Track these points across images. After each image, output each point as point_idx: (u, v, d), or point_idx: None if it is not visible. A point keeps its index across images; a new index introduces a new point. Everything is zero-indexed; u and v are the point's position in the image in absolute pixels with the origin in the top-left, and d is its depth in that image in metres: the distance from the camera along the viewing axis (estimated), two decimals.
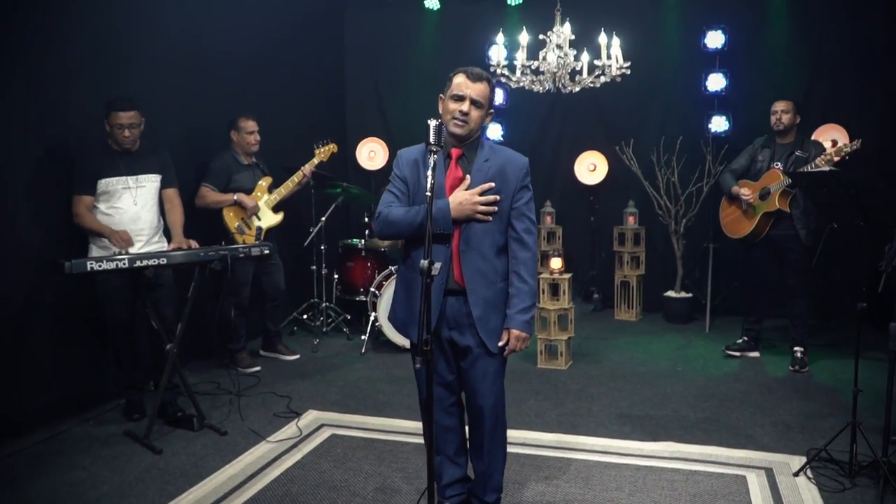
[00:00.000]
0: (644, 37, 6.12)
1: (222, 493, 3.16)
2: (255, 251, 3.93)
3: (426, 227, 2.47)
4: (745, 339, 5.30)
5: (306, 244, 5.82)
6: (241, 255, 3.86)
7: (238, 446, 3.69)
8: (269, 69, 5.82)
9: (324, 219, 5.82)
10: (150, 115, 4.05)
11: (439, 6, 7.05)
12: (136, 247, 3.82)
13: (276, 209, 5.12)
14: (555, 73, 4.70)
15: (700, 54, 6.18)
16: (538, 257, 5.48)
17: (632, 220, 6.59)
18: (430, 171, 2.32)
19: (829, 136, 5.70)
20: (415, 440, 3.74)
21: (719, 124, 6.17)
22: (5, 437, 3.64)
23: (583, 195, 6.89)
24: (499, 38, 4.89)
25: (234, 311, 4.82)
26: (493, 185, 2.55)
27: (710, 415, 4.10)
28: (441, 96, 2.70)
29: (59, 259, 3.31)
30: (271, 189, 5.11)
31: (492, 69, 4.87)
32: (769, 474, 3.31)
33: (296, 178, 5.22)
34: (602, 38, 4.58)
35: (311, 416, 4.11)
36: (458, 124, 2.58)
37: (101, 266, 3.31)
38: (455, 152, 2.64)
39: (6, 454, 3.53)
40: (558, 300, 5.14)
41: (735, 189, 4.98)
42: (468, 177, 2.58)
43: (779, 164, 4.88)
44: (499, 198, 2.56)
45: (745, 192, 4.90)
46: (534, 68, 4.81)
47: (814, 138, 5.19)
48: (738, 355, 5.24)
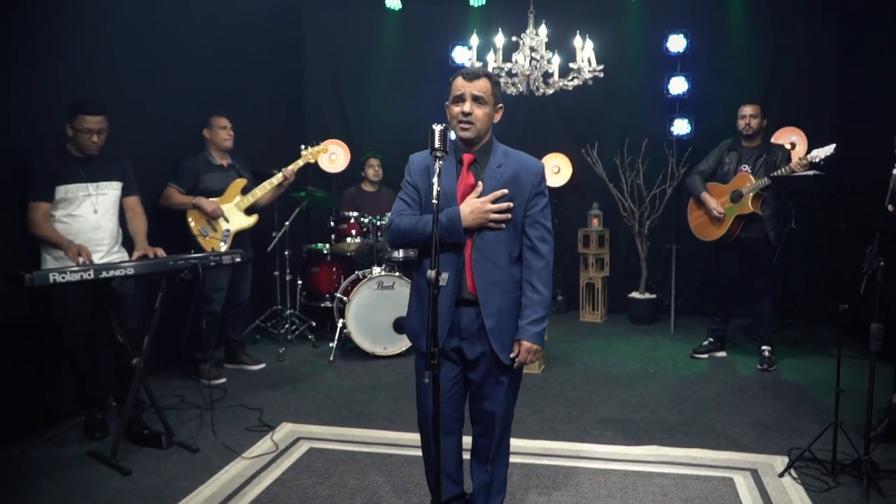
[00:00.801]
0: (608, 40, 6.11)
1: None
2: (226, 259, 3.76)
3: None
4: (710, 340, 5.36)
5: (269, 249, 5.65)
6: (212, 264, 3.69)
7: (212, 464, 3.52)
8: (227, 71, 5.61)
9: (287, 223, 5.66)
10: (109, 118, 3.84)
11: (401, 6, 6.95)
12: (97, 257, 3.61)
13: (249, 212, 4.93)
14: (528, 76, 4.65)
15: (662, 58, 6.25)
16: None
17: (596, 222, 6.63)
18: (435, 178, 2.23)
19: (788, 138, 5.84)
20: (399, 451, 3.64)
21: (682, 127, 6.25)
22: None
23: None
24: (472, 39, 4.80)
25: (206, 320, 4.63)
26: (506, 191, 2.46)
27: (689, 417, 4.12)
28: (446, 104, 2.60)
29: (17, 270, 3.09)
30: (246, 191, 4.92)
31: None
32: (755, 475, 3.33)
33: (275, 180, 5.02)
34: (577, 41, 4.55)
35: (285, 430, 3.96)
36: (463, 127, 2.49)
37: (64, 278, 3.10)
38: (467, 158, 2.54)
39: None
40: None
41: (705, 196, 5.03)
42: (480, 183, 2.49)
43: (746, 166, 4.95)
44: (512, 205, 2.47)
45: (714, 204, 4.96)
46: (507, 70, 4.75)
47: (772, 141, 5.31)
48: (706, 357, 5.31)
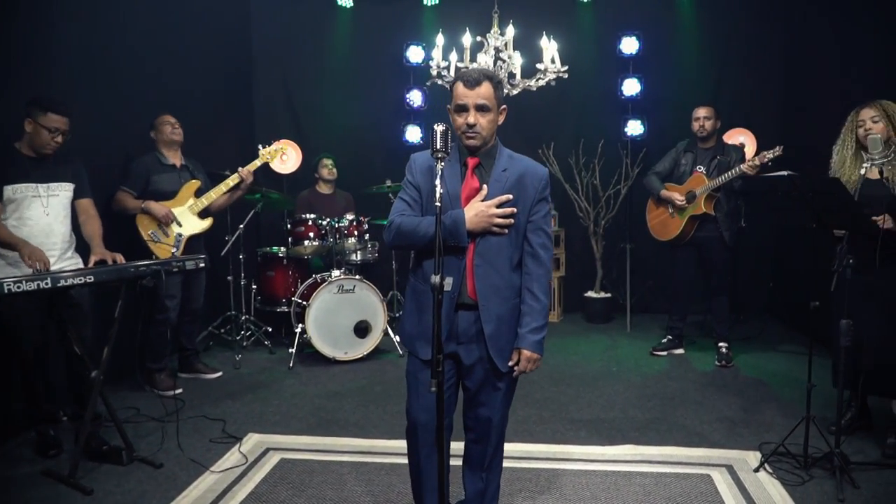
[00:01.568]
0: (562, 41, 6.15)
1: None
2: (189, 264, 3.59)
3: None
4: (669, 337, 5.45)
5: (223, 253, 5.45)
6: (174, 270, 3.52)
7: (179, 480, 3.35)
8: (172, 70, 5.37)
9: (242, 226, 5.47)
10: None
11: (352, 4, 6.83)
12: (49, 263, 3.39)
13: (203, 215, 4.74)
14: None
15: (616, 60, 6.33)
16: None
17: (552, 222, 6.65)
18: (438, 181, 2.16)
19: (736, 139, 6.01)
20: (374, 459, 3.55)
21: (635, 128, 6.35)
22: None
23: None
24: (438, 39, 4.74)
25: (161, 328, 4.43)
26: (510, 197, 2.40)
27: (658, 414, 4.16)
28: (448, 107, 2.53)
29: None
30: (200, 193, 4.73)
31: (433, 71, 4.72)
32: (731, 471, 3.38)
33: (230, 182, 4.84)
34: (544, 42, 4.55)
35: (252, 440, 3.82)
36: (469, 136, 2.41)
37: (20, 287, 2.89)
38: (471, 161, 2.47)
39: None
40: None
41: (665, 193, 5.12)
42: (485, 187, 2.42)
43: (702, 167, 5.06)
44: (516, 210, 2.42)
45: (677, 195, 5.04)
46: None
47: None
48: (665, 354, 5.39)
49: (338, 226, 5.45)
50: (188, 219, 4.66)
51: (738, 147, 5.16)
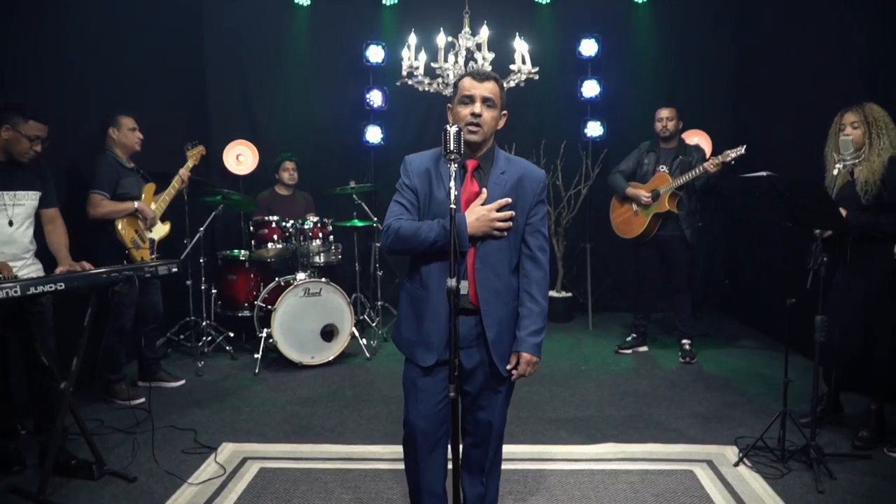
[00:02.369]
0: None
1: None
2: (162, 270, 3.45)
3: (439, 244, 2.30)
4: (634, 335, 5.55)
5: (183, 257, 5.26)
6: (147, 276, 3.37)
7: (155, 494, 3.21)
8: (122, 69, 5.14)
9: (202, 229, 5.30)
10: None
11: (309, 2, 6.70)
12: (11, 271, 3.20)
13: (162, 219, 4.58)
14: None
15: (575, 61, 6.40)
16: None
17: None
18: (452, 183, 2.12)
19: (691, 140, 6.13)
20: (358, 465, 3.48)
21: (594, 129, 6.44)
22: None
23: None
24: (411, 38, 4.68)
25: (118, 337, 4.24)
26: (509, 200, 2.38)
27: (633, 412, 4.22)
28: (449, 106, 2.50)
29: None
30: (155, 196, 4.56)
31: (404, 71, 4.67)
32: (712, 466, 3.45)
33: (176, 183, 4.70)
34: (517, 43, 4.56)
35: (228, 450, 3.69)
36: (471, 130, 2.37)
37: None
38: (470, 164, 2.44)
39: None
40: None
41: (631, 191, 5.20)
42: (485, 190, 2.39)
43: (664, 167, 5.16)
44: (514, 213, 2.39)
45: (642, 191, 5.13)
46: (439, 71, 4.67)
47: None
48: (630, 352, 5.48)
49: (302, 228, 5.34)
50: (156, 224, 4.50)
51: (698, 147, 5.29)
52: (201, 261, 5.32)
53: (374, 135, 6.58)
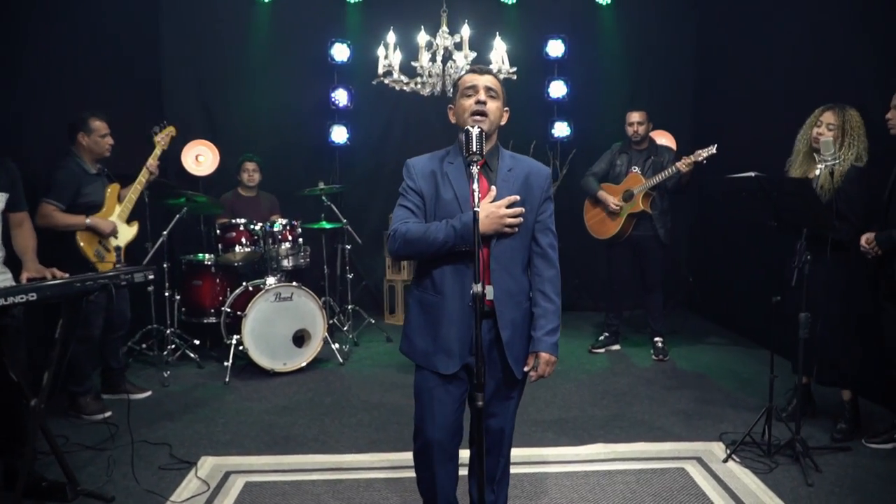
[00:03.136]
0: (487, 42, 6.19)
1: None
2: (138, 277, 3.27)
3: (449, 245, 2.24)
4: (606, 334, 5.58)
5: (146, 262, 5.05)
6: (123, 284, 3.20)
7: None
8: (75, 67, 4.91)
9: (165, 233, 5.09)
10: None
11: None
12: None
13: (129, 220, 4.37)
14: (445, 76, 4.53)
15: (542, 62, 6.41)
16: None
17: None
18: (476, 185, 2.04)
19: (659, 141, 6.22)
20: (349, 476, 3.39)
21: (562, 130, 6.47)
22: None
23: None
24: (389, 36, 4.58)
25: (85, 347, 4.03)
26: (518, 197, 2.32)
27: (615, 411, 4.23)
28: (450, 107, 2.46)
29: None
30: (121, 197, 4.34)
31: (381, 69, 4.57)
32: (702, 463, 3.48)
33: (142, 178, 4.48)
34: (497, 42, 4.52)
35: (208, 464, 3.54)
36: (477, 120, 2.32)
37: None
38: (479, 162, 2.37)
39: None
40: None
41: (602, 194, 5.22)
42: (493, 188, 2.34)
43: (636, 168, 5.21)
44: (524, 210, 2.34)
45: (611, 199, 5.16)
46: (420, 70, 4.60)
47: None
48: (603, 351, 5.51)
49: (271, 230, 5.18)
50: (121, 228, 4.29)
51: (669, 147, 5.36)
52: (165, 266, 5.11)
53: (339, 135, 6.45)
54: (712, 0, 6.33)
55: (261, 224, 5.24)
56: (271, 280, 5.10)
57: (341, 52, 6.34)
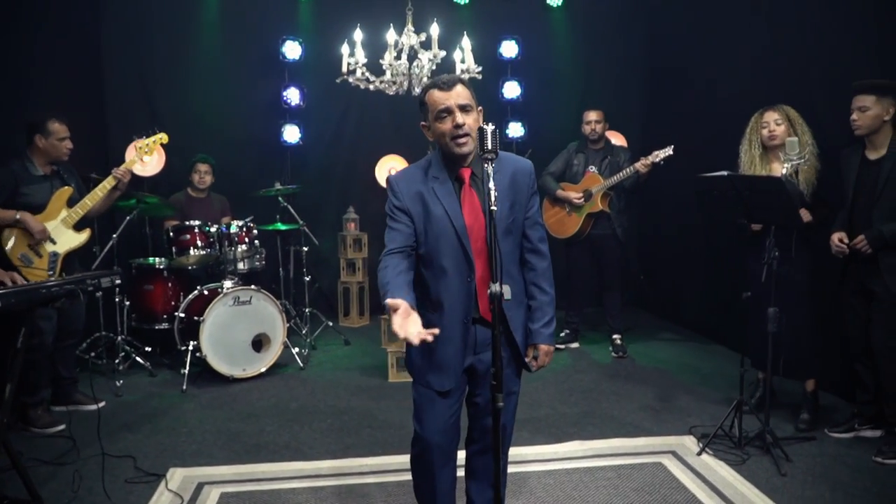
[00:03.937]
0: (442, 44, 6.18)
1: None
2: (105, 282, 3.11)
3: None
4: (566, 332, 5.64)
5: (94, 267, 4.81)
6: (89, 289, 3.03)
7: None
8: (11, 63, 4.65)
9: (115, 236, 4.87)
10: None
11: None
12: None
13: (79, 226, 4.15)
14: (412, 75, 4.49)
15: (496, 63, 6.44)
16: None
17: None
18: (491, 184, 2.00)
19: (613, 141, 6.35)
20: (329, 483, 3.31)
21: (516, 130, 6.51)
22: None
23: (384, 200, 6.71)
24: (356, 34, 4.49)
25: (36, 356, 3.80)
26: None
27: (585, 408, 4.28)
28: (423, 124, 2.38)
29: None
30: (72, 202, 4.12)
31: (344, 68, 4.49)
32: (677, 457, 3.55)
33: (107, 185, 4.25)
34: (465, 42, 4.51)
35: (178, 476, 3.39)
36: (460, 143, 2.26)
37: None
38: (466, 173, 2.34)
39: None
40: None
41: (561, 193, 5.28)
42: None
43: (593, 167, 5.29)
44: (515, 215, 2.36)
45: (573, 194, 5.22)
46: (387, 68, 4.54)
47: None
48: (564, 348, 5.57)
49: (228, 232, 5.02)
50: (63, 233, 4.05)
51: (624, 148, 5.47)
52: (115, 270, 4.87)
53: (292, 134, 6.31)
54: (660, 3, 6.48)
55: (216, 226, 5.07)
56: (228, 283, 4.93)
57: (293, 49, 6.21)
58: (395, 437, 3.85)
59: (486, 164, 2.05)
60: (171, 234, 5.03)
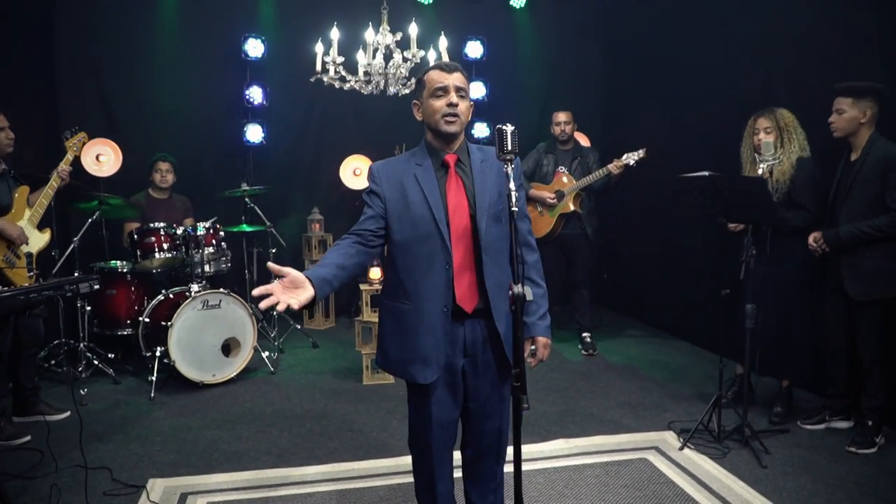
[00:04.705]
0: (405, 43, 6.15)
1: None
2: (83, 287, 2.98)
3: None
4: None
5: (55, 272, 4.61)
6: (68, 295, 2.90)
7: None
8: None
9: (76, 239, 4.68)
10: None
11: None
12: None
13: (41, 226, 3.98)
14: (388, 74, 4.45)
15: (462, 63, 6.39)
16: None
17: None
18: (511, 184, 2.00)
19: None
20: (318, 489, 3.24)
21: (482, 130, 6.54)
22: None
23: (349, 200, 6.66)
24: (333, 33, 4.42)
25: None
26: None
27: (563, 407, 4.31)
28: (416, 102, 2.39)
29: None
30: (30, 202, 3.94)
31: (318, 66, 4.42)
32: (660, 452, 3.61)
33: (54, 182, 4.11)
34: (442, 42, 4.50)
35: (159, 487, 3.28)
36: (450, 121, 2.28)
37: None
38: (451, 159, 2.34)
39: None
40: None
41: (534, 193, 5.31)
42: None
43: (563, 168, 5.34)
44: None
45: (546, 193, 5.26)
46: (367, 68, 4.49)
47: None
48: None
49: (194, 235, 4.88)
50: (31, 234, 3.89)
51: (593, 149, 5.54)
52: (76, 275, 4.68)
53: (254, 134, 6.17)
54: (621, 7, 6.59)
55: (182, 228, 4.93)
56: (195, 287, 4.80)
57: (255, 47, 6.08)
58: (379, 441, 3.81)
59: (507, 165, 2.05)
60: (135, 236, 4.86)
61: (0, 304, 2.61)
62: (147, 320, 4.81)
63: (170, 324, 4.55)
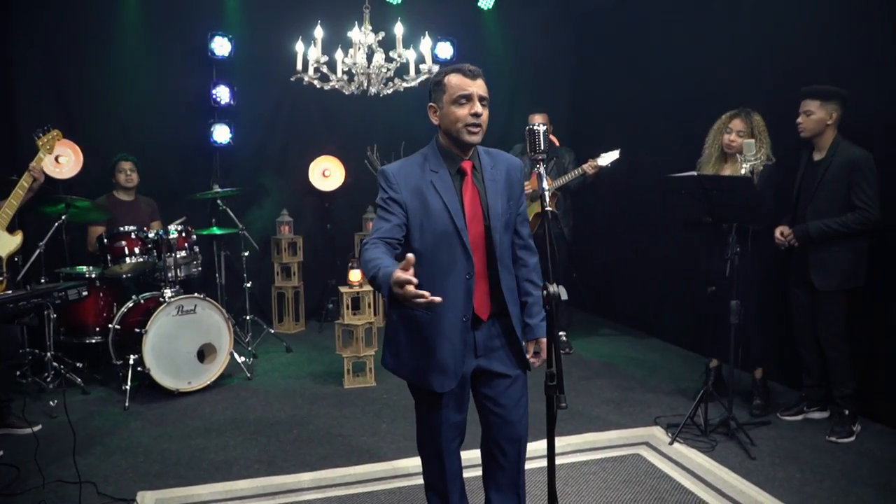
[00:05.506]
0: (388, 45, 6.12)
1: None
2: (72, 294, 2.87)
3: (375, 285, 2.06)
4: None
5: (19, 279, 4.42)
6: (57, 302, 2.79)
7: None
8: None
9: (42, 244, 4.50)
10: None
11: None
12: None
13: (10, 229, 3.81)
14: (370, 74, 4.40)
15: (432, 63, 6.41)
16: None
17: (371, 226, 6.54)
18: (545, 183, 2.00)
19: None
20: (313, 496, 3.19)
21: None
22: None
23: (318, 202, 6.57)
24: (317, 31, 4.34)
25: None
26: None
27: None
28: (432, 105, 2.33)
29: None
30: None
31: (299, 65, 4.34)
32: (651, 447, 3.67)
33: (25, 182, 3.94)
34: (425, 42, 4.47)
35: (149, 500, 3.17)
36: (473, 131, 2.23)
37: None
38: (467, 166, 2.31)
39: None
40: (362, 314, 4.85)
41: None
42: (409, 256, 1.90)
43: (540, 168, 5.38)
44: (510, 210, 2.35)
45: (527, 188, 5.29)
46: (354, 68, 4.43)
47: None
48: None
49: (167, 238, 4.73)
50: (1, 237, 3.71)
51: (569, 149, 5.60)
52: (42, 281, 4.50)
53: (222, 134, 6.03)
54: (587, 9, 6.69)
55: (154, 231, 4.78)
56: (168, 292, 4.66)
57: (222, 46, 5.93)
58: (370, 445, 3.77)
59: (539, 166, 2.05)
60: (104, 240, 4.69)
61: None
62: (118, 327, 4.65)
63: (144, 331, 4.40)
